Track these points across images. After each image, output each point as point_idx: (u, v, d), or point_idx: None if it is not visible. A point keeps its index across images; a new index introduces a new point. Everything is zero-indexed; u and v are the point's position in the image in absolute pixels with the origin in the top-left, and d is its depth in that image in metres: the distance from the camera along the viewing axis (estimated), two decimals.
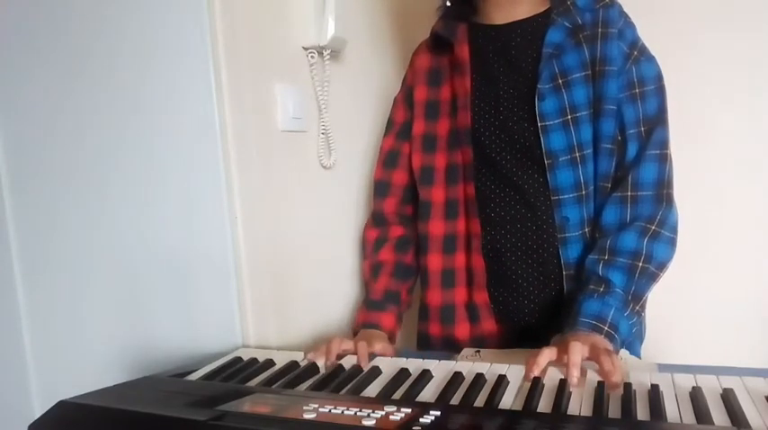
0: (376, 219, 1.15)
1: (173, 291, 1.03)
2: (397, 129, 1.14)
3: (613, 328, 0.84)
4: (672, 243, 0.93)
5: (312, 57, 1.15)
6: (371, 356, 0.87)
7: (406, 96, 1.14)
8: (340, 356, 0.88)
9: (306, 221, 1.15)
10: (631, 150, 0.95)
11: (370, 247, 1.13)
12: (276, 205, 1.08)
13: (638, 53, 0.97)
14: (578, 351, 0.74)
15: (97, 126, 1.04)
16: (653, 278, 0.92)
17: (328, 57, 1.17)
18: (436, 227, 1.06)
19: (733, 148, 1.32)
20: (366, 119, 1.35)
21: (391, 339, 1.03)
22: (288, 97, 1.09)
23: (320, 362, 0.86)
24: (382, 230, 1.14)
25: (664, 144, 0.95)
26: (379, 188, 1.15)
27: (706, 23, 1.32)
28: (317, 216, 1.18)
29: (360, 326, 1.03)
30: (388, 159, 1.14)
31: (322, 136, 1.19)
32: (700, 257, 0.98)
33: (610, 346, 0.82)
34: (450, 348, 1.03)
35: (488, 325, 1.01)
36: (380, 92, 1.42)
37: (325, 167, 1.20)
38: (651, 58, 0.98)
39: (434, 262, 1.05)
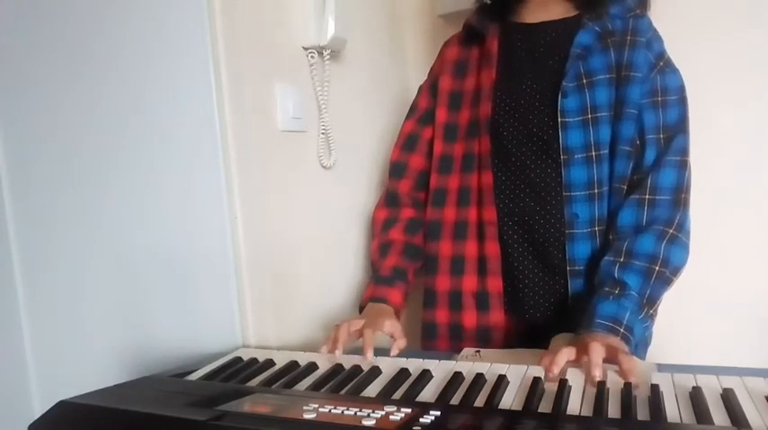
0: (388, 199, 1.16)
1: (173, 291, 1.03)
2: (420, 114, 1.16)
3: (629, 331, 0.85)
4: (687, 248, 0.94)
5: (312, 57, 1.15)
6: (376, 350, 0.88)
7: (431, 84, 1.16)
8: (355, 333, 0.90)
9: (306, 221, 1.15)
10: (649, 155, 0.96)
11: (379, 226, 1.14)
12: (276, 205, 1.08)
13: (663, 64, 1.00)
14: (599, 352, 0.74)
15: (97, 126, 1.04)
16: (667, 282, 0.92)
17: (328, 57, 1.17)
18: (449, 213, 1.07)
19: (733, 148, 1.32)
20: (366, 119, 1.36)
21: (397, 317, 1.03)
22: (288, 97, 1.09)
23: (336, 352, 0.88)
24: (393, 211, 1.15)
25: (684, 151, 0.97)
26: (396, 169, 1.16)
27: (705, 24, 1.32)
28: (317, 216, 1.18)
29: (367, 301, 1.04)
30: (406, 142, 1.16)
31: (322, 136, 1.19)
32: (700, 257, 0.98)
33: (626, 348, 0.82)
34: (455, 337, 1.04)
35: (496, 315, 1.02)
36: (380, 92, 1.42)
37: (325, 167, 1.20)
38: (676, 71, 1.00)
39: (445, 248, 1.06)
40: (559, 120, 0.98)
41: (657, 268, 0.90)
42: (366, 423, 0.56)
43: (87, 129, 1.04)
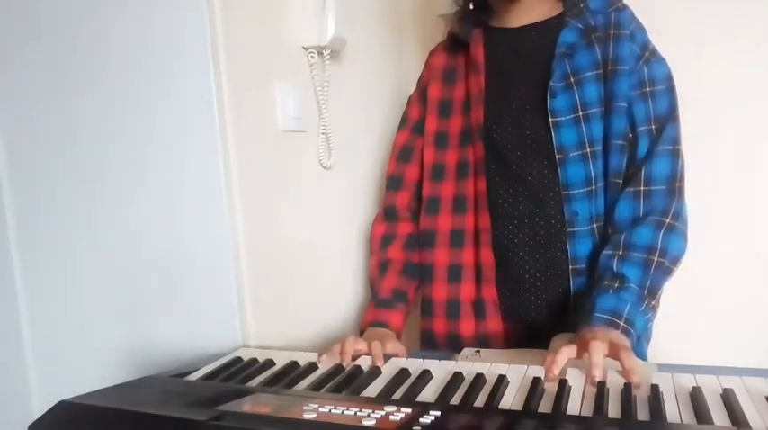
0: (387, 213, 1.16)
1: (173, 291, 1.03)
2: (412, 124, 1.16)
3: (629, 324, 0.84)
4: (685, 236, 0.94)
5: (312, 57, 1.15)
6: (385, 357, 0.87)
7: (420, 94, 1.16)
8: (354, 357, 0.87)
9: (306, 221, 1.15)
10: (642, 147, 0.96)
11: (377, 244, 1.14)
12: (276, 205, 1.08)
13: (648, 54, 1.00)
14: (600, 350, 0.74)
15: (97, 126, 1.04)
16: (667, 272, 0.92)
17: (328, 57, 1.17)
18: (444, 222, 1.07)
19: (733, 148, 1.33)
20: (366, 119, 1.36)
21: (398, 338, 1.03)
22: (288, 97, 1.09)
23: (335, 363, 0.85)
24: (391, 226, 1.14)
25: (675, 140, 0.97)
26: (393, 182, 1.16)
27: (707, 24, 1.33)
28: (317, 216, 1.18)
29: (368, 325, 1.03)
30: (401, 154, 1.16)
31: (322, 136, 1.19)
32: (700, 257, 0.98)
33: (626, 342, 0.82)
34: (454, 346, 1.03)
35: (494, 322, 1.02)
36: (380, 92, 1.42)
37: (325, 167, 1.21)
38: (662, 60, 1.00)
39: (441, 256, 1.06)
40: (550, 120, 0.98)
41: (656, 259, 0.90)
42: (366, 423, 0.56)
43: (87, 129, 1.04)
